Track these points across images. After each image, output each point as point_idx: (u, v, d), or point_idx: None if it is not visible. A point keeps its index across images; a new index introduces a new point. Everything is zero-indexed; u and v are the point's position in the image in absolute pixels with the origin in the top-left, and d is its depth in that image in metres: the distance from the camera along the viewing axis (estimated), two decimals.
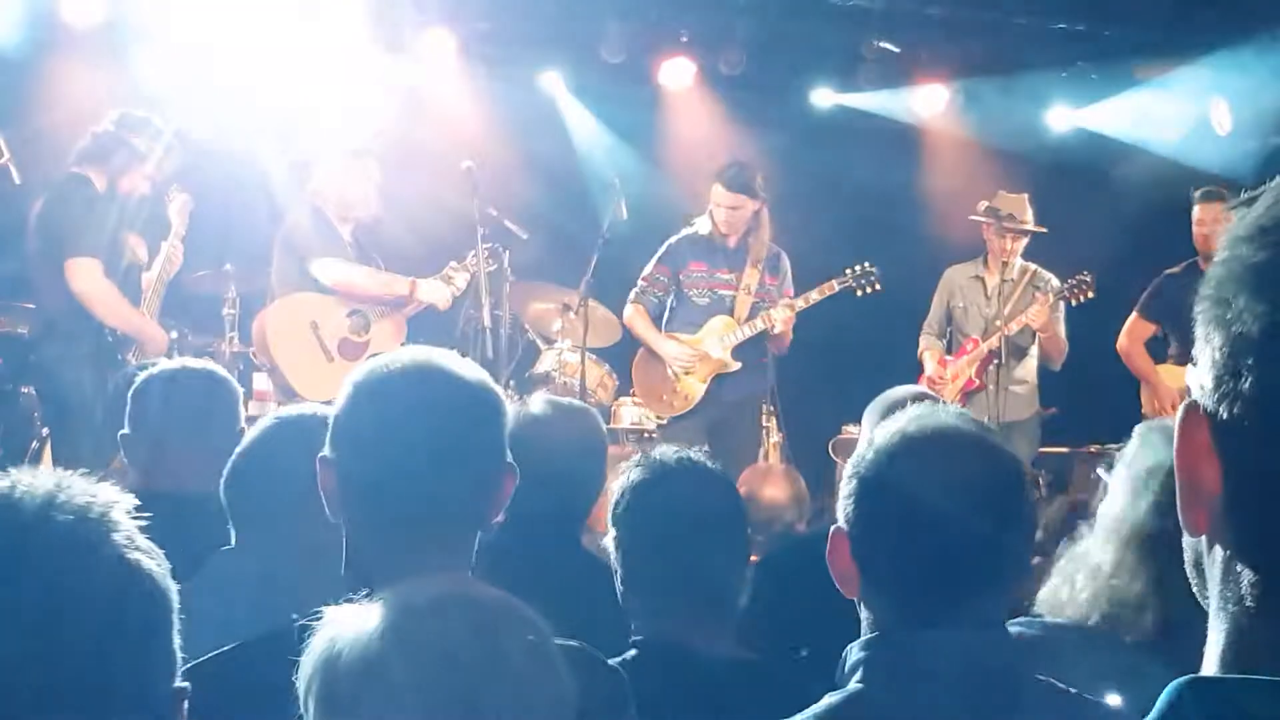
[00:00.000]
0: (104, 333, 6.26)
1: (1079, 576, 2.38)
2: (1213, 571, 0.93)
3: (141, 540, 1.42)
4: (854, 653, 1.94)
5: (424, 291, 6.83)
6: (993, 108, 9.91)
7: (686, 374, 7.16)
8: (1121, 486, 2.39)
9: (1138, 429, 2.47)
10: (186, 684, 1.45)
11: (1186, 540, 0.97)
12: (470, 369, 2.15)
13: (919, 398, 4.01)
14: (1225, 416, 0.89)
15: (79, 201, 6.33)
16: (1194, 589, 0.98)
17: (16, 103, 7.95)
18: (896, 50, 9.74)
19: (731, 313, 7.22)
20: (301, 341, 6.81)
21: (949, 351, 8.06)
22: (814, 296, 7.40)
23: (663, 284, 7.32)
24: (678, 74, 9.92)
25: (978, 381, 7.77)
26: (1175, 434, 0.93)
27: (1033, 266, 7.90)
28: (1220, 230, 0.93)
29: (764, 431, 8.63)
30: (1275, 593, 0.88)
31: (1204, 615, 0.95)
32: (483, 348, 6.69)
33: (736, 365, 7.22)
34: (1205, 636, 0.94)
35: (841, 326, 8.06)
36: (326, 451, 2.08)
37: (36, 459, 7.34)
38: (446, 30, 9.31)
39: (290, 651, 1.51)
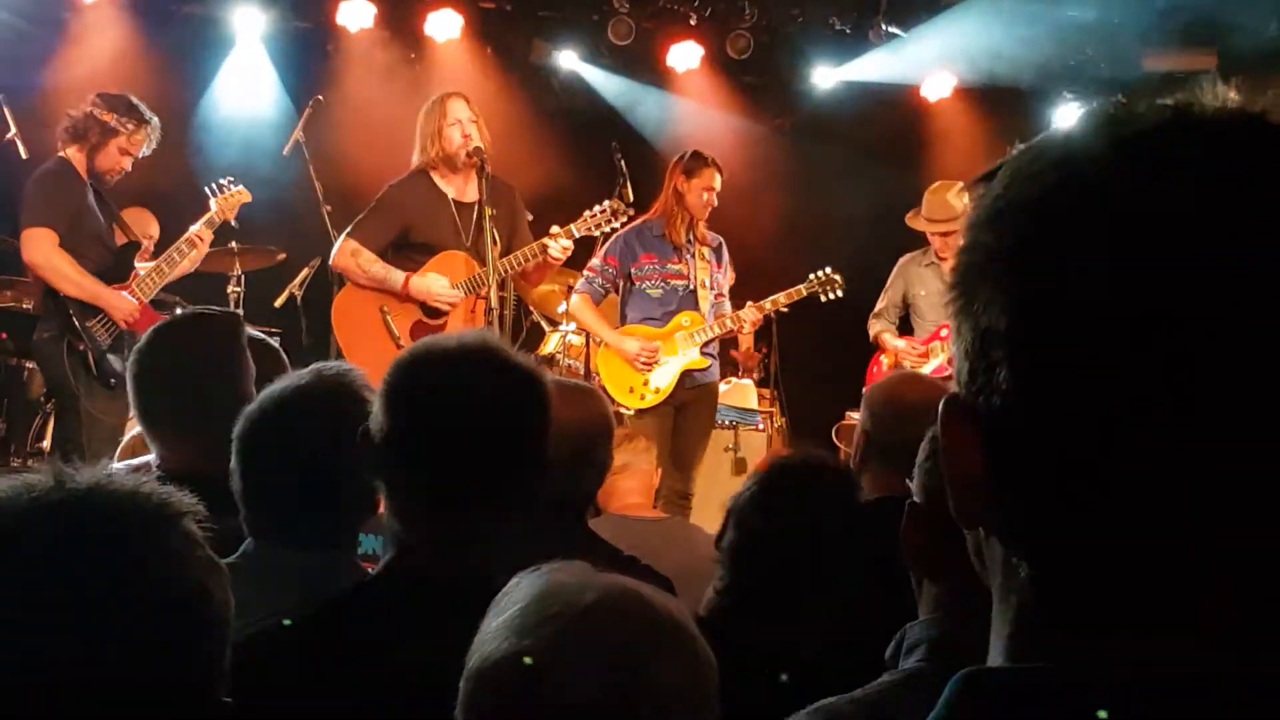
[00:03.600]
0: (67, 305, 6.30)
1: None
2: (993, 563, 0.92)
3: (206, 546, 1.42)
4: (916, 631, 1.91)
5: (417, 284, 6.68)
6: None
7: (649, 368, 7.15)
8: None
9: None
10: (230, 700, 1.44)
11: (966, 531, 0.96)
12: (522, 356, 2.17)
13: (916, 381, 4.02)
14: (985, 410, 0.86)
15: (46, 177, 6.44)
16: (980, 578, 0.96)
17: (24, 76, 7.92)
18: (904, 35, 9.72)
19: (694, 306, 7.23)
20: (369, 328, 6.68)
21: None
22: (781, 300, 7.51)
23: (610, 275, 7.32)
24: (685, 57, 9.92)
25: (950, 369, 7.76)
26: (939, 424, 0.91)
27: None
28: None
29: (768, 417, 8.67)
30: (1051, 583, 0.86)
31: None
32: (489, 328, 6.61)
33: (707, 363, 7.26)
34: None
35: (843, 312, 8.05)
36: (377, 418, 2.08)
37: (40, 436, 7.37)
38: (452, 10, 9.34)
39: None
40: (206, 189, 6.90)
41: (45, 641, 1.27)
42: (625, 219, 6.99)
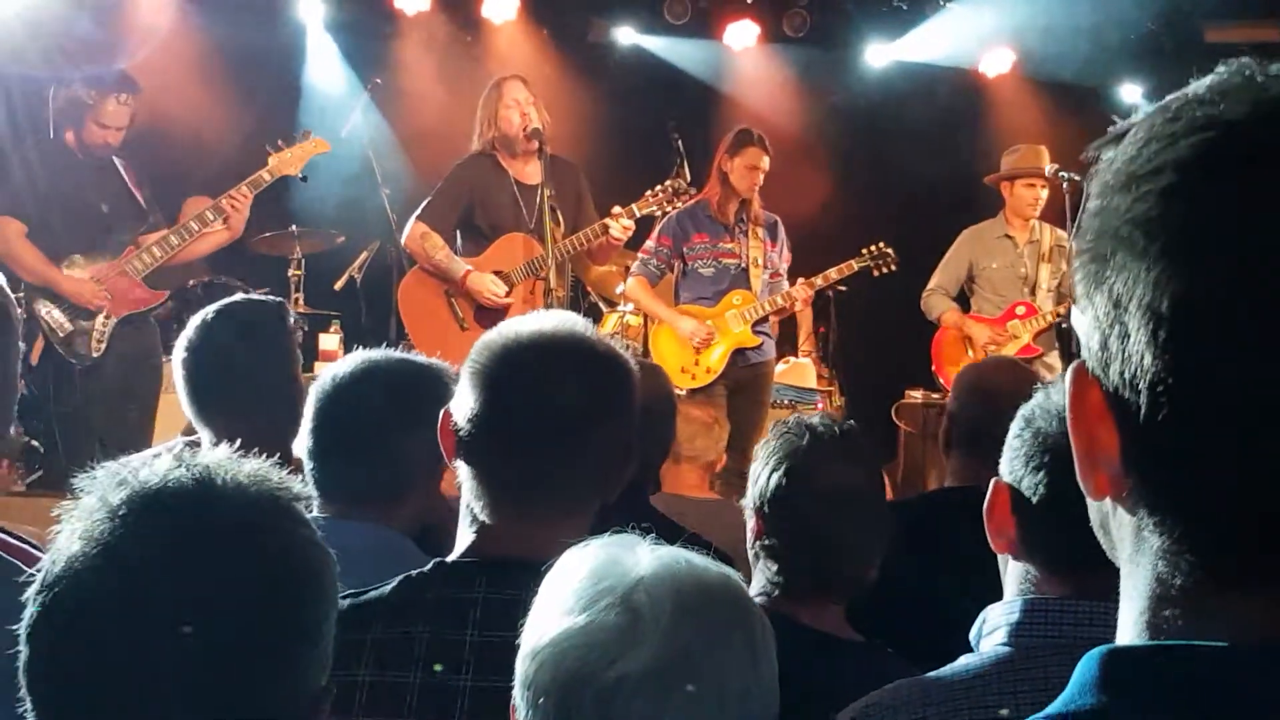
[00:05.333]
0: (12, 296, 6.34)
1: None
2: (1121, 535, 0.90)
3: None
4: (998, 613, 1.89)
5: (474, 281, 6.67)
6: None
7: (706, 347, 7.15)
8: None
9: None
10: (333, 686, 1.46)
11: (1091, 503, 0.94)
12: (609, 341, 2.18)
13: (1007, 367, 3.99)
14: (1115, 378, 0.85)
15: (19, 159, 6.51)
16: (1105, 551, 0.94)
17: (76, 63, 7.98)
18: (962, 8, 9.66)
19: (745, 285, 7.20)
20: (433, 311, 6.71)
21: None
22: (832, 275, 7.47)
23: (664, 256, 7.29)
24: (741, 35, 9.90)
25: (1039, 349, 7.71)
26: (1067, 396, 0.90)
27: (1047, 225, 7.86)
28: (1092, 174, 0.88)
29: (826, 396, 8.65)
30: (1185, 555, 0.84)
31: None
32: (546, 309, 6.63)
33: (758, 341, 7.23)
34: None
35: (902, 289, 8.01)
36: (462, 400, 2.08)
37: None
38: None
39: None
40: (267, 147, 6.82)
41: (176, 618, 1.29)
42: (686, 198, 6.98)
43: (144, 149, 6.92)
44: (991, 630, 1.89)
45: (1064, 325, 7.55)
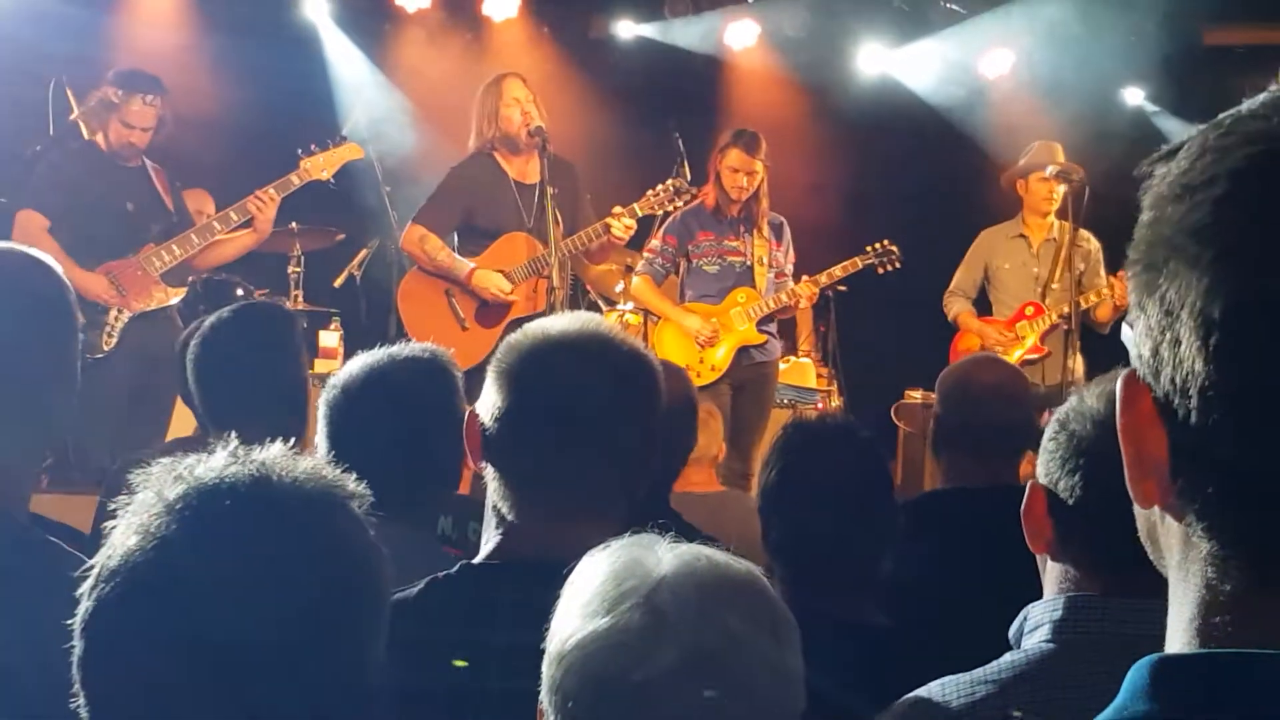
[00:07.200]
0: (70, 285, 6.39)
1: None
2: (1169, 542, 0.91)
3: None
4: (1040, 611, 1.91)
5: (479, 278, 6.63)
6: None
7: (711, 345, 7.15)
8: None
9: None
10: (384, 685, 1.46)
11: (1138, 510, 0.94)
12: (633, 341, 2.20)
13: (989, 364, 4.01)
14: (1166, 385, 0.85)
15: (49, 156, 6.66)
16: (1152, 560, 0.95)
17: (86, 57, 7.98)
18: (963, 10, 9.67)
19: (750, 283, 7.20)
20: (433, 310, 6.68)
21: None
22: (836, 273, 7.48)
23: (669, 255, 7.30)
24: (741, 35, 9.90)
25: (1045, 349, 7.71)
26: (1118, 403, 0.90)
27: (1067, 224, 7.86)
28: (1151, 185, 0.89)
29: (824, 396, 8.65)
30: (1235, 562, 0.84)
31: None
32: (547, 308, 6.62)
33: (763, 339, 7.23)
34: None
35: (901, 289, 8.01)
36: (488, 399, 2.08)
37: None
38: None
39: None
40: (298, 150, 6.82)
41: (232, 614, 1.30)
42: (687, 197, 6.97)
43: (173, 151, 6.95)
44: (1034, 627, 1.91)
45: (1066, 329, 7.54)
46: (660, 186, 6.87)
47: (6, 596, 1.85)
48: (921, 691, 1.94)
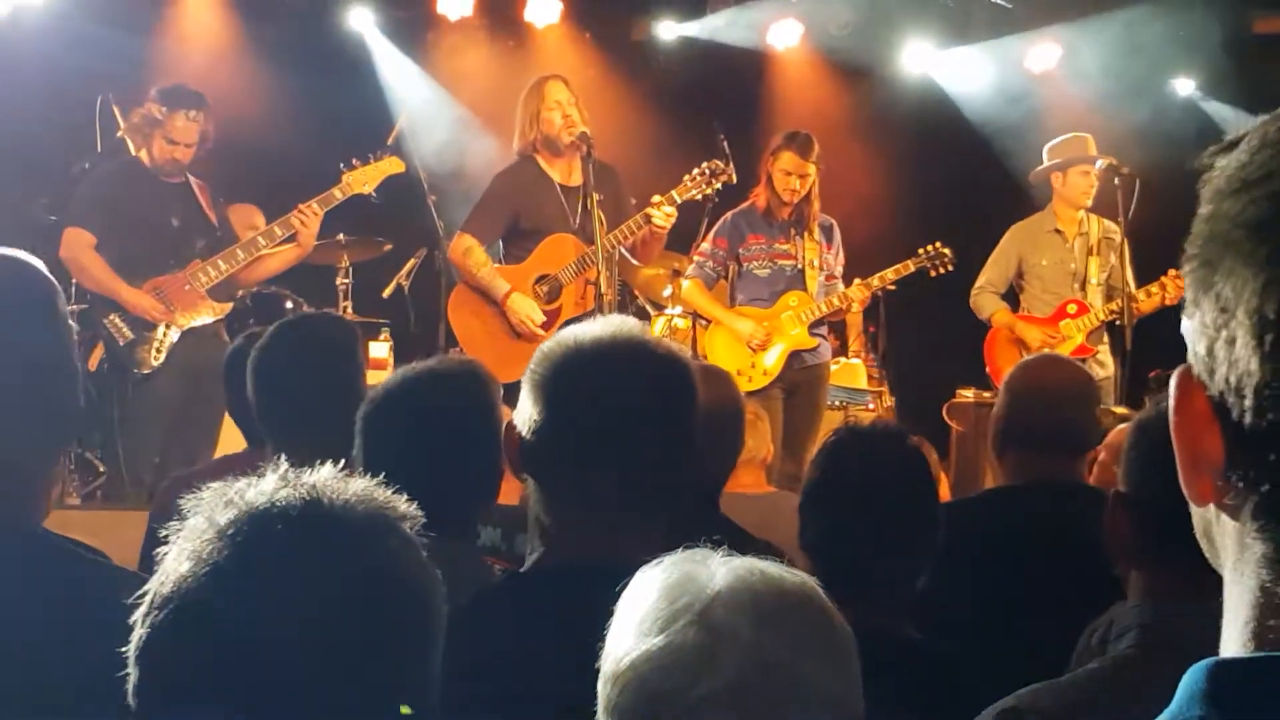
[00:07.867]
0: (92, 300, 6.61)
1: None
2: (1224, 541, 0.89)
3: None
4: (1126, 617, 1.93)
5: (514, 303, 6.61)
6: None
7: (763, 349, 7.11)
8: None
9: None
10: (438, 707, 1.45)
11: (1194, 509, 0.92)
12: (670, 345, 2.17)
13: (1058, 364, 3.99)
14: (1220, 383, 0.84)
15: (91, 178, 6.79)
16: (1209, 559, 0.93)
17: (133, 75, 8.04)
18: (1009, 6, 9.60)
19: (801, 286, 7.17)
20: (485, 321, 6.68)
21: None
22: (889, 276, 7.44)
23: (720, 258, 7.29)
24: (785, 34, 9.87)
25: (1093, 349, 7.62)
26: (1172, 402, 0.88)
27: (1094, 216, 7.79)
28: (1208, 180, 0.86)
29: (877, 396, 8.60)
30: None
31: None
32: (594, 312, 6.60)
33: (815, 343, 7.20)
34: None
35: (952, 288, 7.95)
36: (525, 411, 2.07)
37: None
38: None
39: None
40: (340, 165, 6.86)
41: (285, 638, 1.30)
42: (725, 178, 6.90)
43: (216, 167, 6.99)
44: (1120, 633, 1.94)
45: (1116, 323, 7.46)
46: (696, 170, 6.83)
47: (9, 598, 1.84)
48: (1008, 700, 1.92)
